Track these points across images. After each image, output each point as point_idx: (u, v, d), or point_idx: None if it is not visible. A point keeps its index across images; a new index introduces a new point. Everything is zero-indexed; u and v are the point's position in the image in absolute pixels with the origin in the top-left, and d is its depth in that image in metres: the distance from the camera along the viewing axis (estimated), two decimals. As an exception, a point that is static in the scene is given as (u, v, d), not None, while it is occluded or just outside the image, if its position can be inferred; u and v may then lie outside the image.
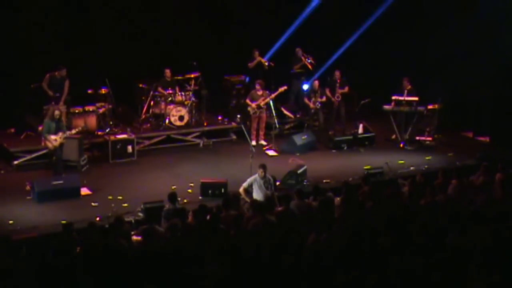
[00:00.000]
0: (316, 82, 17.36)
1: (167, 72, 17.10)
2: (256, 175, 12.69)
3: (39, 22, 16.53)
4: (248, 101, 16.89)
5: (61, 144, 14.00)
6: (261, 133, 16.97)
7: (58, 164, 14.05)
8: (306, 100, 17.49)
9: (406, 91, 17.09)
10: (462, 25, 17.34)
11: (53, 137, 13.86)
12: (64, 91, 15.66)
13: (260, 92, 16.81)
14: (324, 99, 17.34)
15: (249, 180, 12.68)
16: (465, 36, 17.47)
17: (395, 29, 18.68)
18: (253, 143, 15.93)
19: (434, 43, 18.21)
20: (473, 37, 17.41)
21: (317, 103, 17.20)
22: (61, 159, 14.10)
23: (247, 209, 11.80)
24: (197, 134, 17.04)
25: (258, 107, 16.77)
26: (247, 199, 12.36)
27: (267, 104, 16.84)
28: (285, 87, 17.14)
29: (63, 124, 14.25)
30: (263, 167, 12.70)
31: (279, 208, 11.51)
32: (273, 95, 16.84)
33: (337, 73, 17.63)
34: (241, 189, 12.70)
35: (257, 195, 12.45)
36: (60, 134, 13.91)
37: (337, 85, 17.47)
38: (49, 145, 13.94)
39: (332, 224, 10.24)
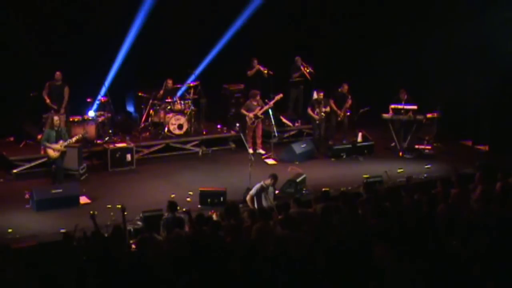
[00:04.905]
0: (321, 93, 17.14)
1: (169, 82, 17.11)
2: (262, 183, 12.63)
3: (38, 30, 16.55)
4: (244, 111, 16.88)
5: (62, 153, 13.97)
6: (259, 141, 16.94)
7: (58, 173, 14.02)
8: (309, 111, 17.24)
9: (403, 102, 17.12)
10: (460, 34, 17.37)
11: (54, 146, 13.84)
12: (64, 97, 15.75)
13: (255, 103, 16.80)
14: (328, 109, 17.22)
15: (256, 188, 12.64)
16: (464, 45, 17.49)
17: (393, 37, 18.71)
18: (250, 150, 15.88)
19: (433, 52, 18.23)
20: (472, 45, 17.43)
21: (321, 113, 17.04)
22: (61, 168, 14.07)
23: (246, 217, 11.77)
24: (196, 142, 17.05)
25: (256, 116, 16.77)
26: (252, 207, 12.33)
27: (266, 113, 16.84)
28: (281, 95, 17.12)
29: (65, 132, 14.21)
30: (275, 178, 12.66)
31: (280, 217, 11.49)
32: (269, 104, 16.82)
33: (346, 86, 17.50)
34: (248, 197, 12.67)
35: (266, 203, 12.45)
36: (61, 142, 13.88)
37: (347, 99, 17.40)
38: (50, 153, 13.91)
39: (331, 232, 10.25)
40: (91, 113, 16.18)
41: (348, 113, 17.57)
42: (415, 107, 17.08)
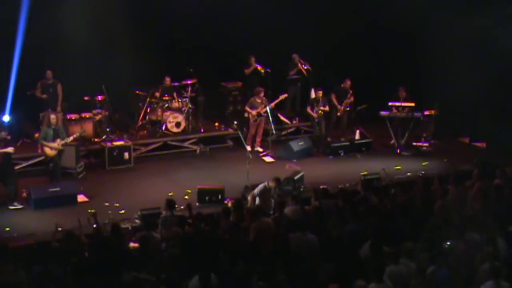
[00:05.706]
0: (320, 92, 17.13)
1: (167, 80, 17.11)
2: (266, 184, 12.63)
3: (35, 29, 16.49)
4: (247, 108, 16.87)
5: (60, 152, 13.94)
6: (258, 139, 16.95)
7: (55, 171, 13.99)
8: (309, 110, 17.18)
9: (402, 100, 17.11)
10: (458, 31, 17.36)
11: (51, 144, 13.82)
12: (59, 96, 15.70)
13: (259, 100, 16.79)
14: (326, 108, 17.20)
15: (260, 188, 12.61)
16: (462, 42, 17.48)
17: (391, 35, 18.68)
18: (248, 148, 15.86)
19: (431, 49, 18.21)
20: (469, 42, 17.41)
21: (319, 111, 17.00)
22: (59, 166, 14.04)
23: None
24: (194, 140, 17.04)
25: (259, 114, 16.77)
26: (251, 206, 12.32)
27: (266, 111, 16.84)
28: (285, 95, 17.17)
29: (62, 131, 14.15)
30: (278, 182, 12.68)
31: (276, 215, 11.51)
32: (273, 103, 16.84)
33: (349, 82, 17.53)
34: (249, 197, 12.66)
35: (266, 204, 12.44)
36: (58, 141, 13.85)
37: (349, 95, 17.42)
38: (48, 152, 13.89)
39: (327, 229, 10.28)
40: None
41: (348, 108, 17.56)
42: (412, 104, 17.09)
